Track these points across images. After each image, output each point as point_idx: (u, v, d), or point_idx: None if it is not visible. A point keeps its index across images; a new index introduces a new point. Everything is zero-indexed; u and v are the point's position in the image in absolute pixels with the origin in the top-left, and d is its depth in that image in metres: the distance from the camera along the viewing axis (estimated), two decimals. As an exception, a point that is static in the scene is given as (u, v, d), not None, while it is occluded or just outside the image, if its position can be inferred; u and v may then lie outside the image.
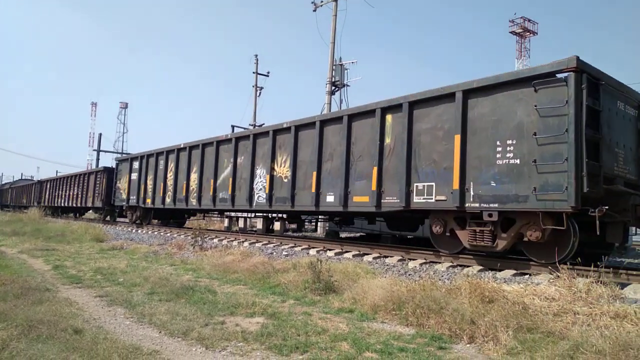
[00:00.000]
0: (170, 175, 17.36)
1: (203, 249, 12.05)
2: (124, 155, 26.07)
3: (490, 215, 7.60)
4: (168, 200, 17.42)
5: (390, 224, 13.32)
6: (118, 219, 25.55)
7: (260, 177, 12.92)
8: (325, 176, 10.83)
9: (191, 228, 16.93)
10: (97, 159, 48.24)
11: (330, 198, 10.63)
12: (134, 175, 20.33)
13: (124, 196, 21.13)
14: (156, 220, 21.34)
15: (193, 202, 15.88)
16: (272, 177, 12.45)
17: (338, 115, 10.98)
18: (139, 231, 19.12)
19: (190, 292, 6.85)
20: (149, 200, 18.94)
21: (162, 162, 18.05)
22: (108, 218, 26.14)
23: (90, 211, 33.56)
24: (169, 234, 17.04)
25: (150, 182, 18.88)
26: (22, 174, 71.41)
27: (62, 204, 32.03)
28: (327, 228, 19.61)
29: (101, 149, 49.11)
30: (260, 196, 12.83)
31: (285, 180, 11.99)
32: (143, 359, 3.98)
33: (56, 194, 33.66)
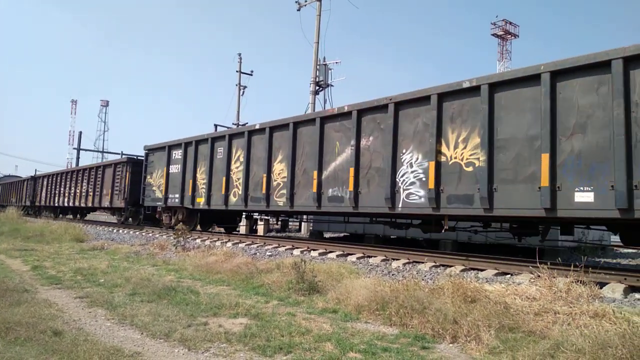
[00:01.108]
0: (238, 167, 13.37)
1: (185, 250, 11.95)
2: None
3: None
4: (234, 199, 13.37)
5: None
6: (135, 221, 20.93)
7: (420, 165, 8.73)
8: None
9: (212, 232, 16.47)
10: (77, 158, 47.59)
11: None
12: (175, 168, 16.20)
13: (159, 194, 16.94)
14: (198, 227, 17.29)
15: (280, 201, 11.76)
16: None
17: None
18: (120, 231, 18.88)
19: (172, 293, 6.78)
20: (200, 200, 14.81)
21: (221, 150, 14.07)
22: (130, 221, 21.37)
23: (99, 212, 29.91)
24: (150, 234, 16.85)
25: (202, 176, 14.74)
26: (0, 173, 69.69)
27: (66, 204, 27.17)
28: (311, 228, 19.62)
29: (82, 147, 48.42)
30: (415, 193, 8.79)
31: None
32: (124, 361, 3.92)
33: (57, 191, 28.69)
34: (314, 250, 10.99)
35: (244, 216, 18.14)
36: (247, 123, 30.33)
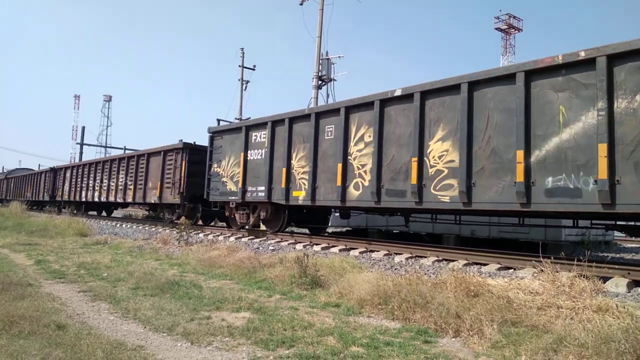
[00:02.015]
0: (361, 149, 9.92)
1: (188, 244, 11.97)
2: (225, 123, 15.57)
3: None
4: (356, 192, 9.95)
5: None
6: (190, 219, 15.35)
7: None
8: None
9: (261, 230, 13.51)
10: (81, 153, 47.72)
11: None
12: (256, 153, 12.82)
13: (232, 187, 13.49)
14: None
15: (443, 195, 8.42)
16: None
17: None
18: (124, 225, 18.93)
19: (175, 287, 6.79)
20: (299, 194, 11.37)
21: (331, 128, 10.69)
22: (181, 220, 14.00)
23: (134, 208, 27.30)
24: (153, 229, 16.89)
25: (302, 163, 11.38)
26: (2, 167, 69.54)
27: (96, 198, 23.26)
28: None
29: (85, 142, 48.56)
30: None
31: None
32: (127, 354, 3.93)
33: (84, 185, 24.75)
34: (316, 244, 11.00)
35: (335, 214, 15.48)
36: (249, 118, 30.29)
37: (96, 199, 23.37)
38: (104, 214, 27.56)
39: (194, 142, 16.37)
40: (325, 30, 23.71)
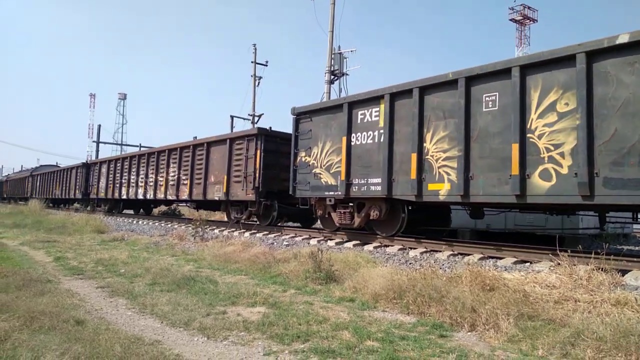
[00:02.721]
0: (553, 123, 7.24)
1: (204, 240, 12.08)
2: (320, 102, 12.55)
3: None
4: (546, 184, 7.28)
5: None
6: (264, 220, 14.11)
7: None
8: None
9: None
10: (97, 151, 48.16)
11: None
12: (364, 137, 10.08)
13: (329, 179, 10.91)
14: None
15: None
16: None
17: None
18: (140, 222, 19.13)
19: (191, 283, 6.86)
20: (439, 187, 8.71)
21: (492, 97, 7.99)
22: (254, 221, 14.70)
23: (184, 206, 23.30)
24: (169, 225, 17.06)
25: (442, 146, 8.67)
26: (22, 166, 70.48)
27: (140, 196, 20.30)
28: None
29: (101, 140, 49.08)
30: None
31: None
32: (145, 349, 3.99)
33: (124, 180, 21.96)
34: (330, 240, 11.01)
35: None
36: (262, 114, 30.32)
37: (139, 196, 20.32)
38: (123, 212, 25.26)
39: (270, 128, 13.66)
40: (337, 25, 23.59)
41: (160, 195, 18.65)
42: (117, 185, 22.71)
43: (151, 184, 19.44)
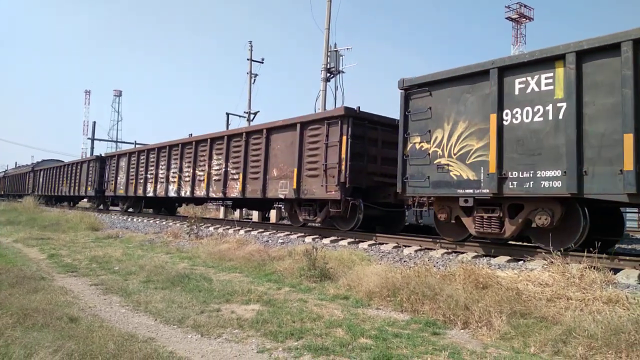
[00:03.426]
0: None
1: (199, 238, 12.06)
2: (445, 71, 8.42)
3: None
4: None
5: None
6: (348, 223, 11.32)
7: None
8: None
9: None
10: (92, 148, 48.11)
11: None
12: (530, 114, 7.58)
13: (465, 172, 8.32)
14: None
15: None
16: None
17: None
18: (135, 219, 19.08)
19: (185, 280, 6.86)
20: None
21: None
22: (333, 226, 11.92)
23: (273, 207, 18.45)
24: (164, 223, 17.03)
25: None
26: (16, 163, 69.92)
27: (172, 193, 17.35)
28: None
29: (96, 137, 48.93)
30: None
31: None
32: (138, 346, 3.99)
33: (150, 175, 18.94)
34: (325, 237, 11.02)
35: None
36: (258, 112, 30.27)
37: (171, 194, 17.46)
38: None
39: (358, 108, 10.82)
40: (333, 22, 23.59)
41: (200, 192, 15.79)
42: (141, 181, 19.83)
43: (187, 179, 16.50)
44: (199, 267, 8.42)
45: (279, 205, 18.11)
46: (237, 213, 22.63)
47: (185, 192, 16.67)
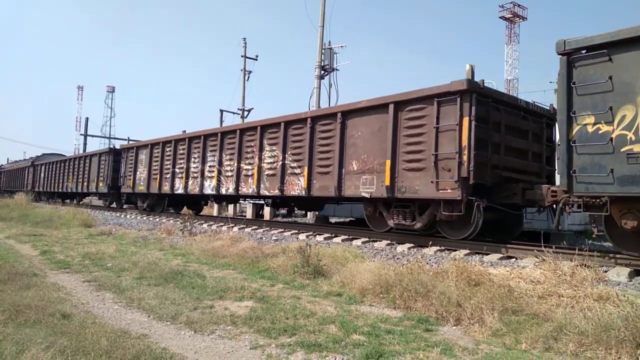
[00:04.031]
0: None
1: (192, 234, 12.05)
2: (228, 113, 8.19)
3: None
4: None
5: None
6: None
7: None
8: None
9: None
10: (85, 144, 47.81)
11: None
12: None
13: None
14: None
15: None
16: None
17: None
18: (128, 216, 19.03)
19: (179, 277, 6.85)
20: None
21: None
22: (438, 234, 9.61)
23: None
24: (157, 219, 16.98)
25: None
26: (7, 159, 69.10)
27: (210, 190, 14.91)
28: (317, 213, 19.65)
29: (88, 133, 48.64)
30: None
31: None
32: (131, 342, 3.98)
33: (180, 169, 16.42)
34: (319, 234, 11.04)
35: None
36: (252, 109, 30.14)
37: (208, 191, 15.01)
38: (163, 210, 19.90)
39: (482, 81, 8.55)
40: (327, 20, 23.56)
41: (248, 189, 13.31)
42: (167, 176, 17.17)
43: (229, 174, 14.04)
44: (192, 263, 8.41)
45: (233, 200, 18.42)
46: (230, 210, 22.58)
47: (227, 188, 14.07)
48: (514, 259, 7.53)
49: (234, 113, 31.59)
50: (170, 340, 4.26)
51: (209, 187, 15.02)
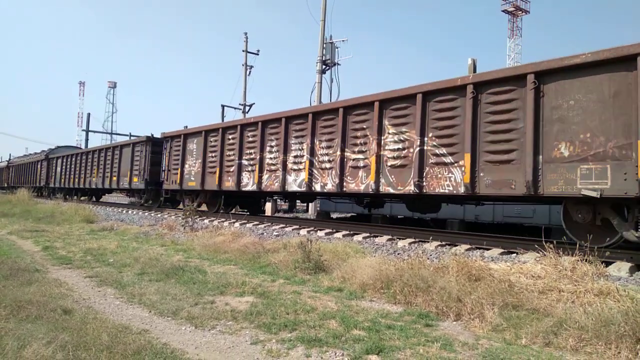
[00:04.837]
0: None
1: (194, 230, 12.06)
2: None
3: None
4: None
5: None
6: None
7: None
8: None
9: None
10: (86, 140, 47.87)
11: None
12: None
13: None
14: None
15: None
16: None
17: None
18: (130, 212, 19.04)
19: (180, 272, 6.87)
20: None
21: None
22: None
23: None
24: (159, 215, 17.01)
25: None
26: (10, 154, 68.94)
27: (294, 186, 11.87)
28: (318, 208, 19.67)
29: (90, 129, 48.68)
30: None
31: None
32: (132, 338, 4.00)
33: (252, 160, 13.21)
34: (320, 230, 11.05)
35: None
36: (253, 104, 30.12)
37: (292, 187, 11.86)
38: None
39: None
40: (329, 14, 23.49)
41: (358, 186, 10.19)
42: (231, 169, 13.95)
43: (327, 165, 10.93)
44: (193, 259, 8.43)
45: (276, 198, 16.79)
46: (267, 207, 22.25)
47: (324, 184, 11.02)
48: (515, 254, 7.52)
49: (235, 108, 31.59)
50: (171, 336, 4.28)
51: (295, 183, 11.82)
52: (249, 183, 13.34)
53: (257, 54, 31.75)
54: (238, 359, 3.79)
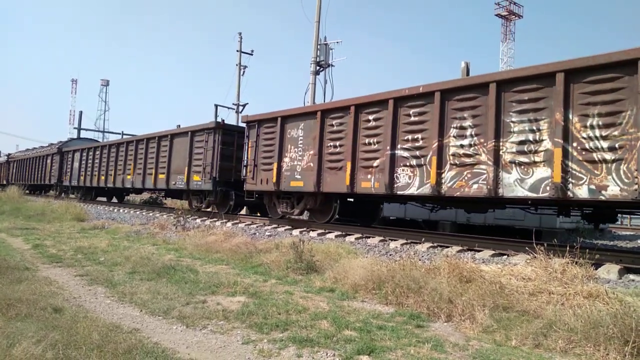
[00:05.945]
0: None
1: (185, 229, 12.02)
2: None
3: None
4: None
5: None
6: None
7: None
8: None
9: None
10: (79, 137, 47.46)
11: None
12: None
13: None
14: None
15: None
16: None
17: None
18: (121, 210, 18.94)
19: (171, 272, 6.84)
20: None
21: None
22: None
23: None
24: (151, 214, 16.93)
25: None
26: (0, 152, 68.11)
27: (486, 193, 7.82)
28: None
29: (82, 127, 48.32)
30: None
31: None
32: (123, 337, 3.98)
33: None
34: (313, 230, 11.05)
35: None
36: (247, 104, 29.91)
37: (518, 190, 7.55)
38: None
39: None
40: (324, 16, 23.52)
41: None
42: (375, 163, 9.68)
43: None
44: (185, 258, 8.40)
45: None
46: None
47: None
48: (506, 256, 7.57)
49: (228, 108, 31.45)
50: (162, 335, 4.26)
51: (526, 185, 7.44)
52: (411, 184, 9.02)
53: (251, 54, 31.64)
54: (229, 358, 3.79)
